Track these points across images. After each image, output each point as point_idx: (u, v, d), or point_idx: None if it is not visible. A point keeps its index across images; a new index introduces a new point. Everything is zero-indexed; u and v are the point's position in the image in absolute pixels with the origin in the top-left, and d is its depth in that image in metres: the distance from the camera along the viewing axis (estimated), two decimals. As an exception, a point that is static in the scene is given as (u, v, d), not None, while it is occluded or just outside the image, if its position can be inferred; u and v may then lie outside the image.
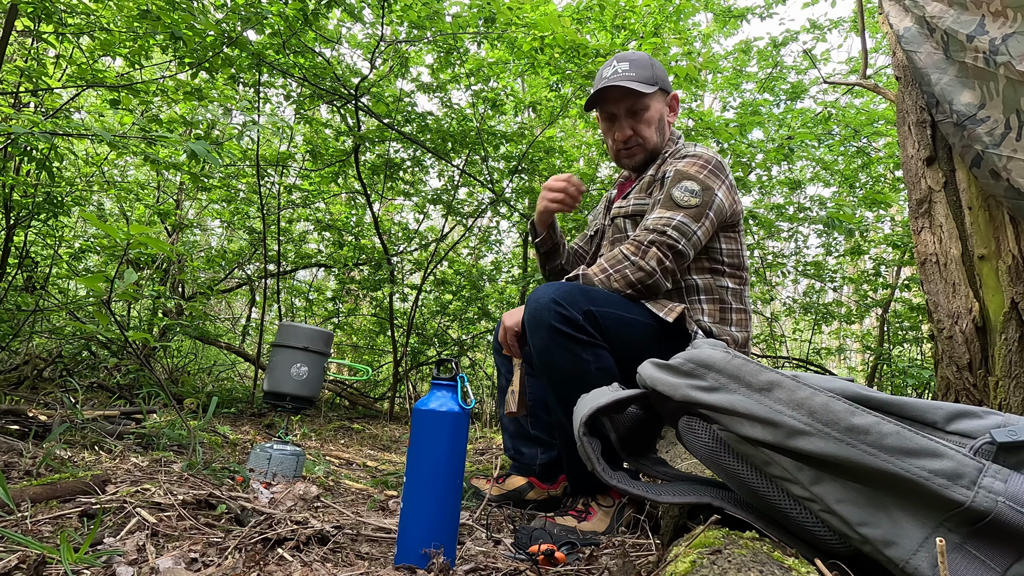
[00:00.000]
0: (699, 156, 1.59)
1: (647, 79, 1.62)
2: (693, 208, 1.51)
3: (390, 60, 4.00)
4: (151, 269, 4.27)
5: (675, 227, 1.49)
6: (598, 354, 1.41)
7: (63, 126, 2.59)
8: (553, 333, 1.37)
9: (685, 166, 1.57)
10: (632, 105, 1.64)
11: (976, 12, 1.28)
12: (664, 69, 1.70)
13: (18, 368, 3.18)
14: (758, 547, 0.78)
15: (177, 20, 2.62)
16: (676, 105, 1.73)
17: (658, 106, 1.67)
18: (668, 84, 1.68)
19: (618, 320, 1.45)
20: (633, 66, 1.63)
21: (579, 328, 1.38)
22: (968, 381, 1.42)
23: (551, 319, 1.37)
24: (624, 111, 1.65)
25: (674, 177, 1.56)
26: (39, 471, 1.42)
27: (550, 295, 1.39)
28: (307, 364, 1.71)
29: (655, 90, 1.64)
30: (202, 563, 0.99)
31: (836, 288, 5.21)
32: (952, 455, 0.73)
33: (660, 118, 1.68)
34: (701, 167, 1.56)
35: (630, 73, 1.62)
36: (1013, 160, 1.24)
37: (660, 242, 1.48)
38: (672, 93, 1.71)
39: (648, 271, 1.48)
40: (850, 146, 4.73)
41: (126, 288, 1.62)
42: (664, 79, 1.67)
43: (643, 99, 1.63)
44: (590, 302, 1.41)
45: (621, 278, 1.48)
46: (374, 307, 4.88)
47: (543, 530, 1.28)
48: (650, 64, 1.65)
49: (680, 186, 1.53)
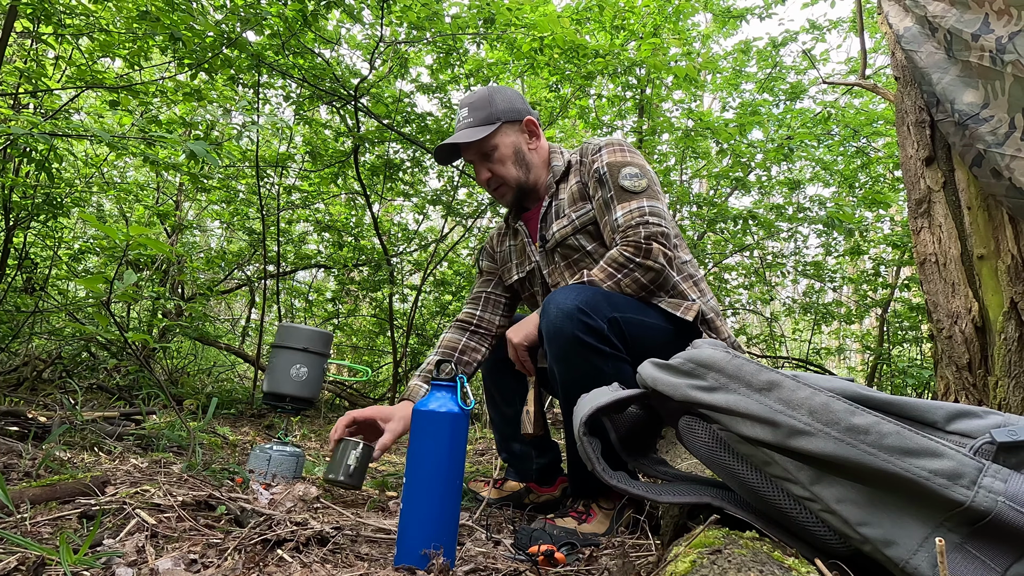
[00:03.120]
0: (611, 143, 1.58)
1: (485, 119, 1.59)
2: (647, 189, 1.50)
3: (389, 61, 4.00)
4: (151, 270, 4.27)
5: (651, 213, 1.47)
6: (619, 367, 1.36)
7: (62, 127, 2.59)
8: (576, 344, 1.32)
9: (610, 156, 1.55)
10: (479, 149, 1.61)
11: (979, 11, 1.28)
12: (514, 97, 1.64)
13: (18, 369, 3.18)
14: (758, 547, 0.78)
15: (176, 21, 2.62)
16: (535, 127, 1.65)
17: (508, 139, 1.62)
18: (515, 113, 1.62)
19: (639, 326, 1.41)
20: (471, 110, 1.60)
21: (604, 339, 1.33)
22: (968, 381, 1.42)
23: (576, 329, 1.31)
24: (477, 157, 1.63)
25: (610, 170, 1.53)
26: (39, 472, 1.42)
27: (574, 302, 1.32)
28: (307, 365, 1.70)
29: (495, 128, 1.58)
30: (201, 564, 0.99)
31: (836, 288, 5.21)
32: (952, 455, 0.73)
33: (516, 151, 1.63)
34: (622, 151, 1.55)
35: (468, 119, 1.60)
36: (1016, 159, 1.24)
37: (655, 234, 1.45)
38: (525, 119, 1.64)
39: (658, 269, 1.45)
40: (849, 146, 4.74)
41: (125, 289, 1.62)
42: (508, 110, 1.61)
43: (486, 142, 1.59)
44: (614, 308, 1.37)
45: (632, 282, 1.45)
46: (374, 308, 4.89)
47: (543, 531, 1.28)
48: (488, 100, 1.61)
49: (623, 174, 1.51)
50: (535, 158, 1.66)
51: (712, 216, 4.14)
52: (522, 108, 1.64)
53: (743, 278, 5.27)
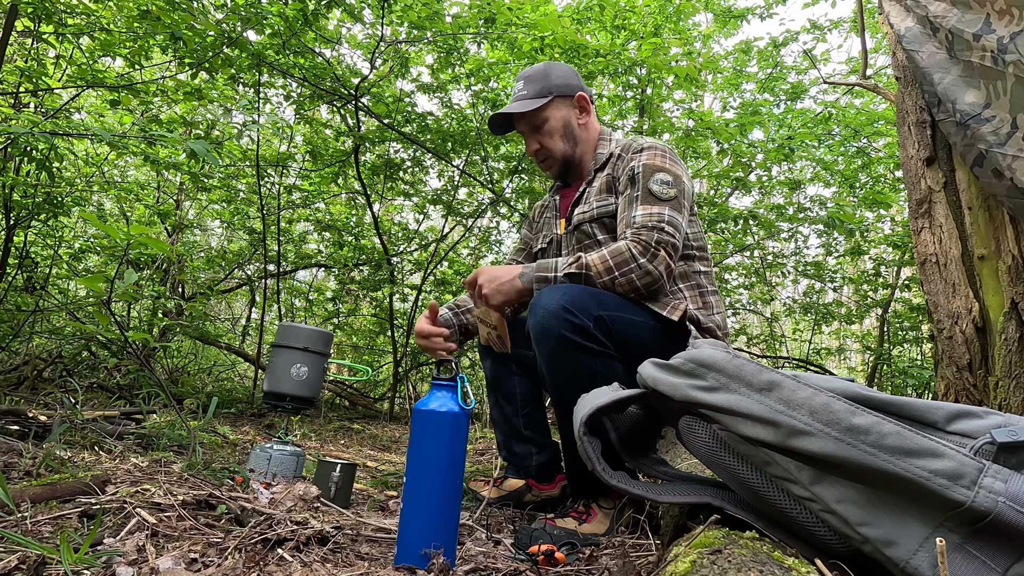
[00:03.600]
0: (655, 147, 1.60)
1: (538, 92, 1.65)
2: (673, 200, 1.51)
3: (390, 60, 4.00)
4: (151, 269, 4.27)
5: (668, 222, 1.48)
6: (608, 364, 1.37)
7: (63, 126, 2.59)
8: (563, 343, 1.33)
9: (649, 159, 1.57)
10: (530, 121, 1.68)
11: (980, 11, 1.28)
12: (568, 73, 1.70)
13: (18, 368, 3.18)
14: (758, 547, 0.78)
15: (177, 20, 2.62)
16: (587, 103, 1.70)
17: (559, 114, 1.67)
18: (568, 88, 1.67)
19: (626, 324, 1.42)
20: (527, 83, 1.68)
21: (590, 337, 1.34)
22: (968, 381, 1.42)
23: (562, 328, 1.32)
24: (527, 128, 1.70)
25: (644, 172, 1.55)
26: (39, 471, 1.42)
27: (559, 302, 1.34)
28: (307, 364, 1.70)
29: (546, 101, 1.64)
30: (202, 563, 0.99)
31: (836, 288, 5.21)
32: (952, 455, 0.73)
33: (565, 124, 1.68)
34: (663, 157, 1.57)
35: (523, 91, 1.67)
36: (1018, 160, 1.24)
37: (665, 242, 1.46)
38: (577, 94, 1.68)
39: (656, 276, 1.46)
40: (850, 146, 4.73)
41: (126, 288, 1.62)
42: (561, 85, 1.67)
43: (538, 114, 1.66)
44: (600, 306, 1.38)
45: (627, 282, 1.45)
46: (374, 307, 4.88)
47: (543, 531, 1.28)
48: (543, 75, 1.67)
49: (655, 179, 1.53)
50: (584, 134, 1.71)
51: (712, 216, 4.14)
52: (576, 84, 1.69)
53: (743, 278, 5.27)
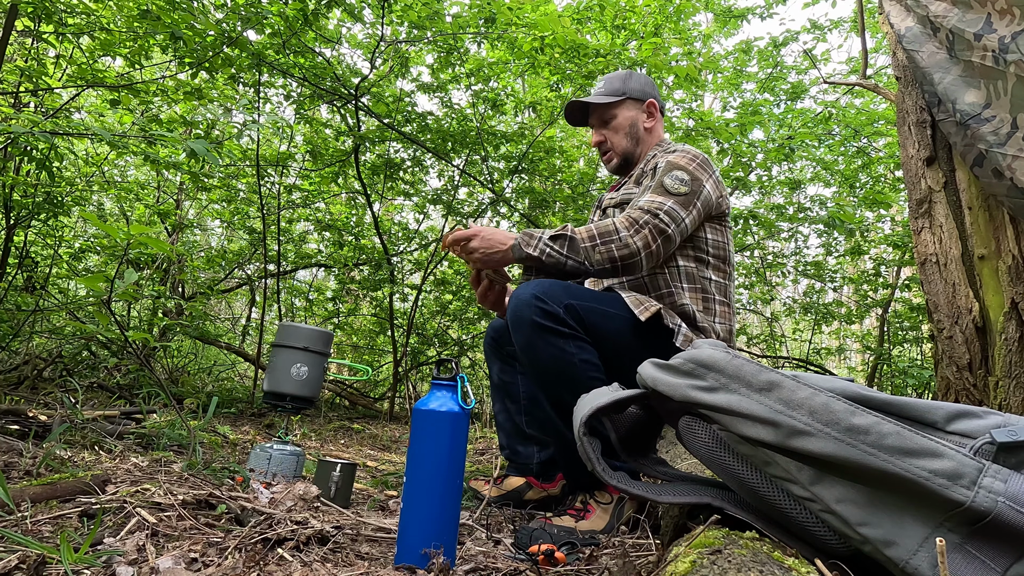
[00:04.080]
0: (687, 151, 1.67)
1: (614, 91, 1.78)
2: (682, 196, 1.56)
3: (390, 60, 4.00)
4: (151, 269, 4.27)
5: (666, 212, 1.52)
6: (581, 346, 1.43)
7: (63, 126, 2.59)
8: (535, 327, 1.40)
9: (675, 158, 1.64)
10: (601, 115, 1.80)
11: (981, 10, 1.28)
12: (646, 82, 1.82)
13: (18, 368, 3.18)
14: (758, 547, 0.78)
15: (177, 20, 2.62)
16: (655, 110, 1.80)
17: (628, 114, 1.78)
18: (641, 94, 1.79)
19: (599, 314, 1.47)
20: (606, 82, 1.81)
21: (560, 321, 1.41)
22: (968, 381, 1.42)
23: (532, 314, 1.40)
24: (597, 121, 1.81)
25: (665, 167, 1.61)
26: (39, 471, 1.42)
27: (531, 291, 1.42)
28: (307, 364, 1.71)
29: (618, 100, 1.77)
30: (202, 563, 0.99)
31: (836, 288, 5.20)
32: (952, 455, 0.73)
33: (631, 124, 1.78)
34: (690, 160, 1.63)
35: (601, 88, 1.81)
36: (1018, 160, 1.24)
37: (653, 224, 1.50)
38: (648, 100, 1.79)
39: (633, 250, 1.49)
40: (850, 146, 4.73)
41: (126, 288, 1.62)
42: (636, 90, 1.78)
43: (609, 109, 1.78)
44: (571, 296, 1.44)
45: (606, 251, 1.49)
46: (374, 307, 4.88)
47: (543, 530, 1.28)
48: (622, 79, 1.80)
49: (671, 175, 1.58)
50: (647, 137, 1.81)
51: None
52: (650, 92, 1.81)
53: (743, 278, 5.27)
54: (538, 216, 4.40)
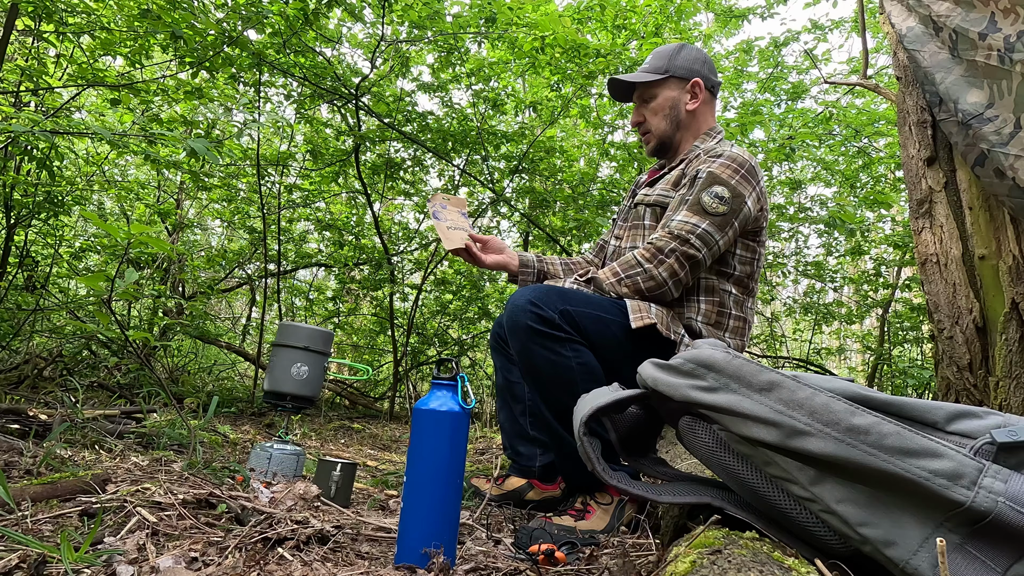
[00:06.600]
0: (734, 159, 1.55)
1: (656, 68, 1.67)
2: (720, 216, 1.49)
3: (391, 60, 4.00)
4: (151, 268, 4.27)
5: (699, 236, 1.48)
6: (577, 350, 1.43)
7: (63, 125, 2.60)
8: (531, 333, 1.40)
9: (718, 169, 1.53)
10: (642, 93, 1.71)
11: (984, 10, 1.28)
12: (696, 58, 1.68)
13: (18, 367, 3.18)
14: (758, 547, 0.78)
15: (177, 19, 2.62)
16: (700, 91, 1.66)
17: (669, 94, 1.67)
18: (687, 71, 1.66)
19: (595, 320, 1.46)
20: (653, 58, 1.70)
21: (555, 326, 1.40)
22: (968, 381, 1.42)
23: (528, 319, 1.40)
24: (638, 99, 1.73)
25: (706, 180, 1.52)
26: (39, 470, 1.42)
27: (527, 297, 1.42)
28: (307, 364, 1.71)
29: (661, 78, 1.66)
30: (202, 562, 0.99)
31: (836, 288, 5.20)
32: (952, 455, 0.73)
33: (672, 106, 1.67)
34: (734, 171, 1.52)
35: (647, 65, 1.69)
36: (1021, 159, 1.24)
37: (680, 252, 1.47)
38: (693, 80, 1.66)
39: (659, 282, 1.48)
40: (851, 146, 4.73)
41: (126, 287, 1.62)
42: (682, 67, 1.66)
43: (649, 88, 1.68)
44: (566, 302, 1.43)
45: (631, 283, 1.49)
46: (374, 307, 4.88)
47: (543, 530, 1.28)
48: (669, 54, 1.68)
49: (711, 191, 1.50)
50: (689, 120, 1.69)
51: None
52: (697, 70, 1.67)
53: (743, 278, 5.25)
54: (538, 216, 4.40)
